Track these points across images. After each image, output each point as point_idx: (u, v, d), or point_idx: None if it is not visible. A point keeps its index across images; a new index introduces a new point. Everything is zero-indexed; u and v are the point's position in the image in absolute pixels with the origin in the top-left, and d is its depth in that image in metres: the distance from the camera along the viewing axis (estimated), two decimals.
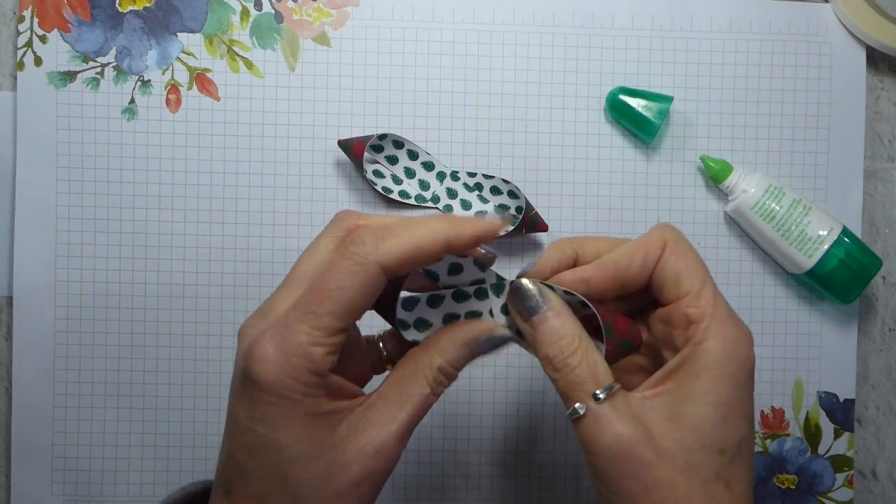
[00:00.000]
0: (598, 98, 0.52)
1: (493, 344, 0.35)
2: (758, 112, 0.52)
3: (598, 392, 0.33)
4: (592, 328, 0.36)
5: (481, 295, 0.37)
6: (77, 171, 0.51)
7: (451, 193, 0.51)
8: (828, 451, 0.52)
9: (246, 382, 0.32)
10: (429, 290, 0.36)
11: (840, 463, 0.52)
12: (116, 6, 0.50)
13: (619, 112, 0.51)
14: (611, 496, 0.33)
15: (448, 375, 0.34)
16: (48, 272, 0.50)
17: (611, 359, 0.35)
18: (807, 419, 0.52)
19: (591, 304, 0.35)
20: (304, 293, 0.32)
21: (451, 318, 0.36)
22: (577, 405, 0.33)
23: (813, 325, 0.52)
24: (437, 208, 0.51)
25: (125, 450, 0.51)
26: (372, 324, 0.37)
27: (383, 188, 0.51)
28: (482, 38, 0.51)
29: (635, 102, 0.50)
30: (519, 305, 0.35)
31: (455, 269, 0.36)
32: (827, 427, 0.53)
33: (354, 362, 0.37)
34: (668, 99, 0.50)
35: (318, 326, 0.31)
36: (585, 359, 0.34)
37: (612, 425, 0.32)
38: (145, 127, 0.51)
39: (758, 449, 0.52)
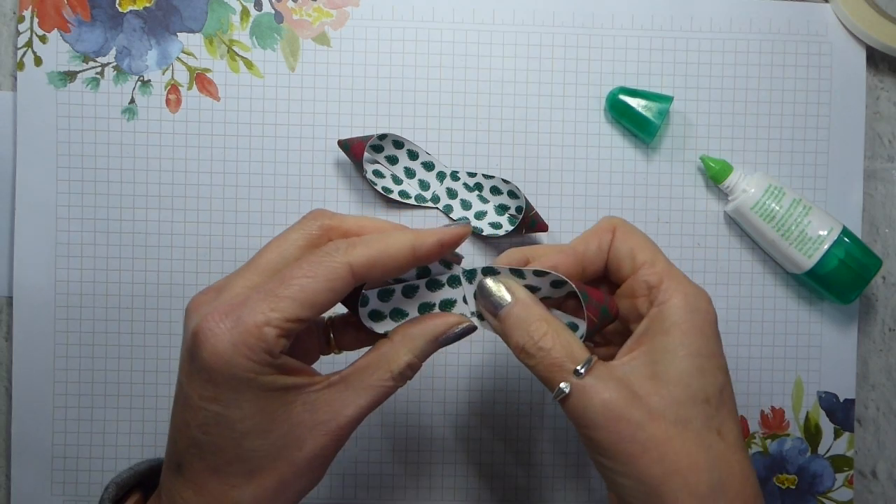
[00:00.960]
0: (598, 98, 0.52)
1: (458, 335, 0.36)
2: (758, 112, 0.52)
3: (578, 368, 0.34)
4: (570, 308, 0.38)
5: (454, 283, 0.38)
6: (77, 171, 0.51)
7: (451, 193, 0.51)
8: (828, 451, 0.52)
9: (195, 361, 0.32)
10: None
11: (840, 463, 0.52)
12: (116, 6, 0.50)
13: (619, 112, 0.51)
14: (611, 465, 0.34)
15: (414, 369, 0.35)
16: (48, 272, 0.50)
17: (593, 328, 0.36)
18: (807, 419, 0.52)
19: (563, 277, 0.36)
20: (270, 279, 0.33)
21: (425, 307, 0.38)
22: (561, 385, 0.34)
23: (813, 325, 0.52)
24: (437, 208, 0.51)
25: (125, 450, 0.51)
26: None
27: (383, 188, 0.51)
28: (482, 38, 0.51)
29: (635, 102, 0.50)
30: (486, 303, 0.36)
31: (423, 273, 0.38)
32: (827, 427, 0.53)
33: (303, 342, 0.38)
34: (668, 99, 0.50)
35: (277, 309, 0.32)
36: (558, 339, 0.34)
37: (599, 394, 0.33)
38: (145, 127, 0.51)
39: (758, 449, 0.52)
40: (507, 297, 0.36)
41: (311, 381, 0.34)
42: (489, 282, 0.36)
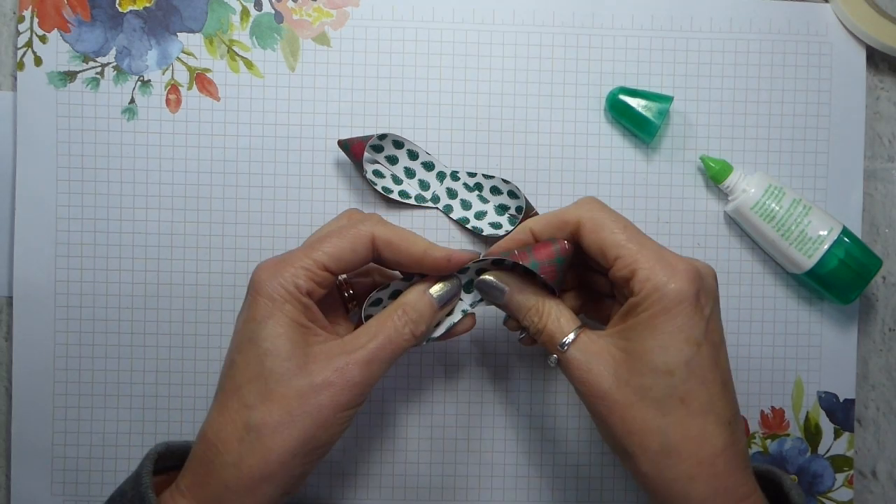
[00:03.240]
0: (598, 98, 0.52)
1: (445, 295, 0.43)
2: (758, 112, 0.52)
3: (564, 341, 0.40)
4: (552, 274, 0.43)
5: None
6: (77, 171, 0.51)
7: (451, 193, 0.51)
8: (828, 451, 0.52)
9: (247, 293, 0.41)
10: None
11: (840, 463, 0.52)
12: (116, 6, 0.50)
13: (619, 112, 0.51)
14: (593, 418, 0.41)
15: (411, 318, 0.42)
16: (48, 272, 0.50)
17: (556, 280, 0.42)
18: (807, 419, 0.52)
19: (508, 259, 0.42)
20: (311, 239, 0.43)
21: None
22: (551, 357, 0.41)
23: (813, 325, 0.52)
24: (437, 208, 0.51)
25: (125, 450, 0.51)
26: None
27: (383, 188, 0.51)
28: (482, 38, 0.51)
29: (635, 102, 0.50)
30: (488, 296, 0.43)
31: (395, 295, 0.45)
32: (827, 427, 0.53)
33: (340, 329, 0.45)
34: (668, 99, 0.50)
35: (310, 256, 0.41)
36: (549, 319, 0.41)
37: (577, 365, 0.40)
38: (145, 127, 0.51)
39: (758, 449, 0.52)
40: (503, 286, 0.43)
41: (333, 336, 0.42)
42: (485, 278, 0.43)
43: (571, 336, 0.40)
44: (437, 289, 0.43)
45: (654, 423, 0.38)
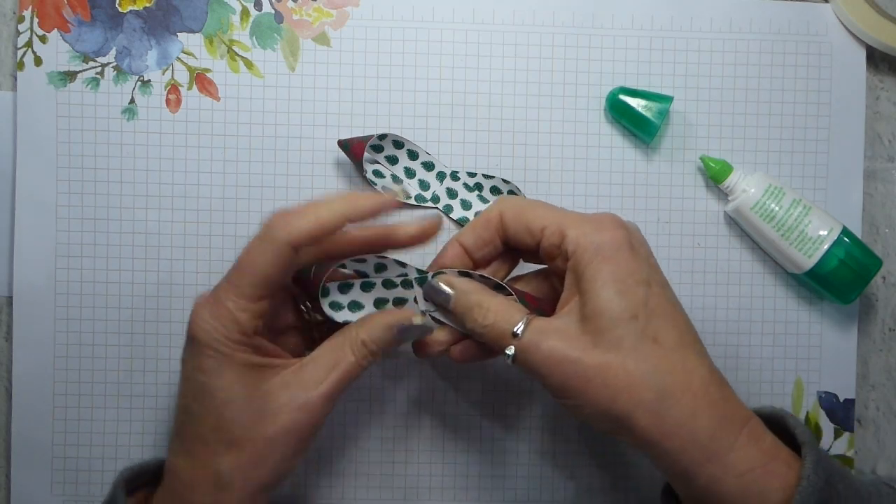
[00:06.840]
0: (598, 98, 0.52)
1: (411, 332, 0.41)
2: (758, 112, 0.52)
3: (515, 329, 0.38)
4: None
5: (407, 285, 0.43)
6: (77, 171, 0.51)
7: (451, 193, 0.51)
8: (828, 451, 0.52)
9: (190, 342, 0.39)
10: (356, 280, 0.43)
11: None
12: (116, 6, 0.50)
13: (619, 112, 0.51)
14: (571, 402, 0.38)
15: (370, 350, 0.40)
16: (48, 272, 0.50)
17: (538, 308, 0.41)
18: (807, 419, 0.52)
19: (504, 284, 0.42)
20: (230, 270, 0.39)
21: (380, 302, 0.43)
22: (507, 351, 0.39)
23: (813, 325, 0.52)
24: (436, 208, 0.51)
25: (125, 450, 0.51)
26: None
27: (383, 188, 0.51)
28: (482, 38, 0.51)
29: (635, 102, 0.50)
30: (436, 300, 0.42)
31: (380, 268, 0.43)
32: (827, 427, 0.53)
33: (290, 340, 0.44)
34: (668, 99, 0.50)
35: (240, 296, 0.38)
36: (496, 314, 0.39)
37: (538, 346, 0.38)
38: (145, 127, 0.51)
39: None
40: (449, 290, 0.41)
41: (286, 363, 0.40)
42: (433, 281, 0.42)
43: (521, 325, 0.38)
44: (404, 322, 0.40)
45: (639, 372, 0.36)
